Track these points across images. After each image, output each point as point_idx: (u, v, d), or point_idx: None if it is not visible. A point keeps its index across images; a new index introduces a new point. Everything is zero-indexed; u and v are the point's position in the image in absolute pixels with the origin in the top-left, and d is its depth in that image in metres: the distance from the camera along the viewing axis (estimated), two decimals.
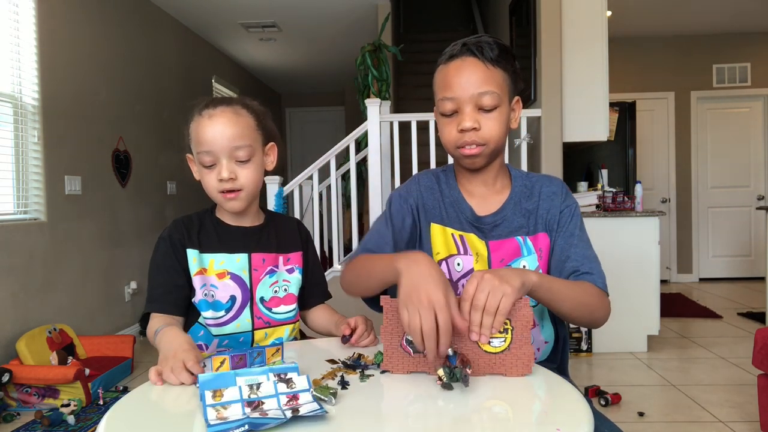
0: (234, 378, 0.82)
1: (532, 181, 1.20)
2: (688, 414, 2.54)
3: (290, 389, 0.81)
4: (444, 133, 1.13)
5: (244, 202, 1.18)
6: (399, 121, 3.75)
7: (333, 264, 3.95)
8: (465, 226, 1.17)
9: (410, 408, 0.81)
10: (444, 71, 1.12)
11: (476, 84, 1.07)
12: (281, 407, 0.78)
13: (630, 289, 3.49)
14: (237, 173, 1.14)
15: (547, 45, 3.51)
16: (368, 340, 1.12)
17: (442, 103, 1.11)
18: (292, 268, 1.27)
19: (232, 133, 1.13)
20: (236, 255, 1.20)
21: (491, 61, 1.08)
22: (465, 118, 1.08)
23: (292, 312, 1.26)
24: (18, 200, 3.18)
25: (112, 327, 3.95)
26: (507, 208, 1.17)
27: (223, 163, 1.13)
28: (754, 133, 6.31)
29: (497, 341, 0.90)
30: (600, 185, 3.98)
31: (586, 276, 1.11)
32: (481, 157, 1.11)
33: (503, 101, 1.10)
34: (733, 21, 5.87)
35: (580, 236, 1.16)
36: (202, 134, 1.13)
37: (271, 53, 6.58)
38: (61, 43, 3.48)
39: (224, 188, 1.15)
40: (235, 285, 1.19)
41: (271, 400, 0.79)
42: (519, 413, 0.81)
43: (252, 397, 0.79)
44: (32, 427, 2.49)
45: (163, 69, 4.90)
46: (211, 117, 1.14)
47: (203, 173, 1.16)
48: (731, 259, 6.38)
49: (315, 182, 4.02)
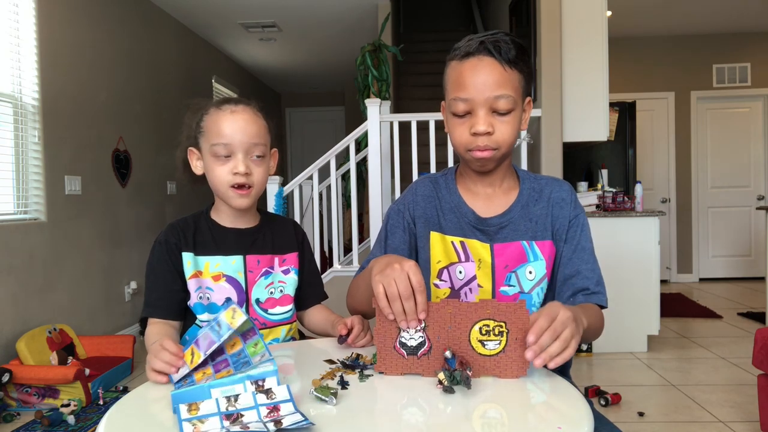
0: (209, 390, 0.79)
1: (540, 184, 1.17)
2: (688, 414, 2.54)
3: (270, 400, 0.78)
4: (455, 134, 1.09)
5: (252, 200, 1.20)
6: (399, 121, 3.75)
7: (333, 264, 3.95)
8: (467, 230, 1.14)
9: (411, 408, 0.81)
10: (458, 69, 1.06)
11: (492, 87, 1.03)
12: (262, 419, 0.74)
13: (630, 289, 3.49)
14: (252, 169, 1.16)
15: (547, 45, 3.52)
16: (365, 340, 1.11)
17: (455, 103, 1.06)
18: (287, 269, 1.27)
19: (253, 130, 1.16)
20: (231, 257, 1.20)
21: (509, 63, 1.04)
22: (479, 122, 1.04)
23: (288, 313, 1.26)
24: (18, 200, 3.18)
25: (112, 327, 3.95)
26: (514, 211, 1.14)
27: (240, 158, 1.15)
28: (754, 133, 6.31)
29: (492, 344, 0.89)
30: (600, 185, 3.98)
31: (594, 297, 1.10)
32: (492, 160, 1.09)
33: (518, 104, 1.06)
34: (733, 21, 5.87)
35: (590, 249, 1.14)
36: (222, 127, 1.15)
37: (271, 53, 6.58)
38: (61, 43, 3.48)
39: (237, 182, 1.16)
40: (230, 287, 1.19)
41: (251, 412, 0.76)
42: (519, 412, 0.81)
43: (230, 409, 0.76)
44: (32, 427, 2.49)
45: (163, 69, 4.90)
46: (234, 113, 1.16)
47: (214, 165, 1.16)
48: (731, 259, 6.38)
49: (315, 182, 4.02)
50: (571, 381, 1.08)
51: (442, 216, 1.17)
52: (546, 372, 0.96)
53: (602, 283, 1.12)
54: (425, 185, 1.21)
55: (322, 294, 1.36)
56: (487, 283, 1.12)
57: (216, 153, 1.15)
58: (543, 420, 0.78)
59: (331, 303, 1.38)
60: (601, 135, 3.64)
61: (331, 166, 3.92)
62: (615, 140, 4.34)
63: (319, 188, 4.20)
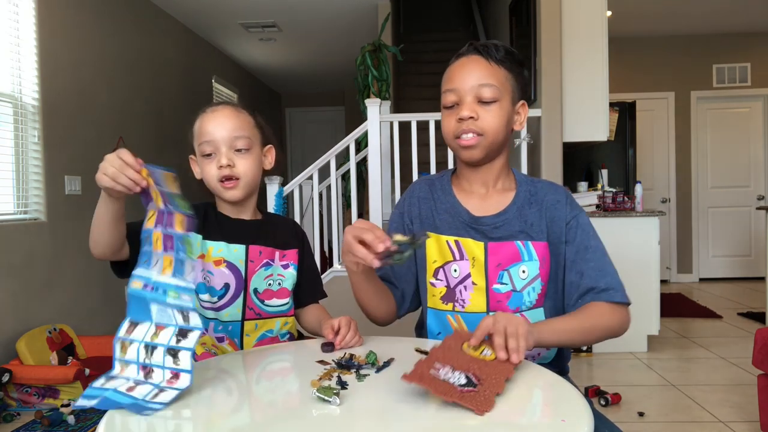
0: (149, 308, 0.87)
1: (536, 187, 1.20)
2: (687, 414, 2.54)
3: (175, 365, 0.84)
4: (444, 124, 1.16)
5: (242, 191, 1.23)
6: (399, 121, 3.75)
7: (333, 264, 3.95)
8: (461, 230, 1.17)
9: (413, 406, 0.81)
10: (450, 69, 1.16)
11: (477, 77, 1.11)
12: (159, 384, 0.83)
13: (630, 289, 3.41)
14: (235, 162, 1.21)
15: (547, 45, 3.51)
16: (354, 341, 1.10)
17: (444, 96, 1.14)
18: (287, 264, 1.29)
19: (233, 124, 1.21)
20: (234, 245, 1.23)
21: (495, 60, 1.12)
22: (464, 108, 1.11)
23: (284, 306, 1.28)
24: (18, 200, 3.18)
25: (112, 327, 3.92)
26: (510, 211, 1.16)
27: (222, 151, 1.20)
28: (754, 133, 6.31)
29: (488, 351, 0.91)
30: (600, 185, 3.98)
31: (603, 294, 1.11)
32: (478, 148, 1.12)
33: (504, 97, 1.12)
34: (733, 21, 5.87)
35: (595, 247, 1.15)
36: (204, 126, 1.21)
37: (271, 53, 6.58)
38: (61, 43, 3.48)
39: (223, 175, 1.20)
40: (230, 273, 1.21)
41: (158, 371, 0.85)
42: (520, 412, 0.81)
43: (146, 362, 0.86)
44: (32, 427, 2.49)
45: (163, 69, 4.90)
46: (214, 111, 1.23)
47: (204, 164, 1.22)
48: (731, 259, 6.38)
49: (315, 182, 4.02)
50: (571, 381, 1.08)
51: (437, 216, 1.20)
52: (546, 372, 0.96)
53: (613, 279, 1.13)
54: (422, 187, 1.26)
55: (321, 293, 1.37)
56: (480, 281, 1.14)
57: (203, 152, 1.22)
58: (546, 415, 0.79)
59: (331, 303, 1.38)
60: (601, 135, 3.64)
61: (331, 166, 3.92)
62: (615, 140, 4.34)
63: (319, 188, 4.19)
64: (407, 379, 0.79)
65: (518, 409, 0.83)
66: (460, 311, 1.17)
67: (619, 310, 1.11)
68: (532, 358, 1.18)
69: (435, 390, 0.78)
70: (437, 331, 1.21)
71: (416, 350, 1.07)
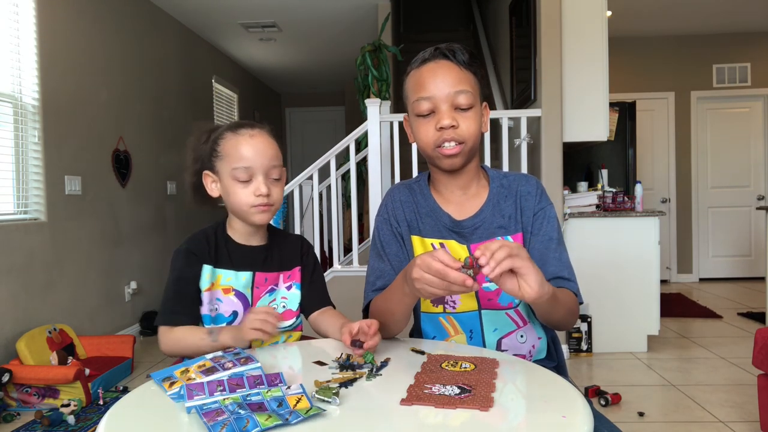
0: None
1: (509, 180, 1.22)
2: (688, 414, 2.55)
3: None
4: (420, 133, 1.15)
5: (271, 216, 1.24)
6: (399, 121, 3.74)
7: (333, 264, 3.95)
8: (444, 233, 1.18)
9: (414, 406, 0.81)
10: (417, 74, 1.14)
11: (452, 83, 1.10)
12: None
13: (630, 289, 3.49)
14: (271, 190, 1.21)
15: (547, 45, 3.51)
16: (374, 340, 1.07)
17: (418, 104, 1.12)
18: (290, 285, 1.30)
19: (271, 153, 1.21)
20: (242, 273, 1.24)
21: (464, 64, 1.12)
22: (443, 116, 1.10)
23: (289, 326, 1.28)
24: (18, 200, 3.18)
25: (112, 327, 3.95)
26: (486, 210, 1.18)
27: (260, 179, 1.20)
28: (754, 133, 6.31)
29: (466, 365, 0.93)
30: (600, 185, 3.97)
31: (565, 282, 1.13)
32: (460, 156, 1.13)
33: (476, 102, 1.13)
34: (733, 21, 5.87)
35: (559, 240, 1.18)
36: (243, 151, 1.19)
37: (271, 53, 6.58)
38: (61, 43, 3.49)
39: (260, 203, 1.20)
40: (238, 301, 1.22)
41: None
42: (520, 411, 0.82)
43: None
44: (32, 427, 2.49)
45: (163, 69, 4.90)
46: (253, 137, 1.21)
47: (236, 188, 1.20)
48: (731, 259, 6.38)
49: (315, 182, 4.02)
50: (570, 381, 1.08)
51: (420, 220, 1.21)
52: (546, 372, 0.96)
53: (573, 273, 1.16)
54: (401, 191, 1.26)
55: (325, 301, 1.32)
56: None
57: (237, 177, 1.20)
58: (546, 412, 0.80)
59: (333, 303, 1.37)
60: (601, 135, 3.64)
61: (331, 166, 3.92)
62: (615, 140, 4.33)
63: (319, 188, 4.19)
64: (406, 403, 0.81)
65: (518, 407, 0.83)
66: (451, 312, 1.18)
67: (576, 305, 1.14)
68: (528, 354, 1.19)
69: (436, 404, 0.80)
70: (432, 334, 1.22)
71: (412, 350, 1.07)
